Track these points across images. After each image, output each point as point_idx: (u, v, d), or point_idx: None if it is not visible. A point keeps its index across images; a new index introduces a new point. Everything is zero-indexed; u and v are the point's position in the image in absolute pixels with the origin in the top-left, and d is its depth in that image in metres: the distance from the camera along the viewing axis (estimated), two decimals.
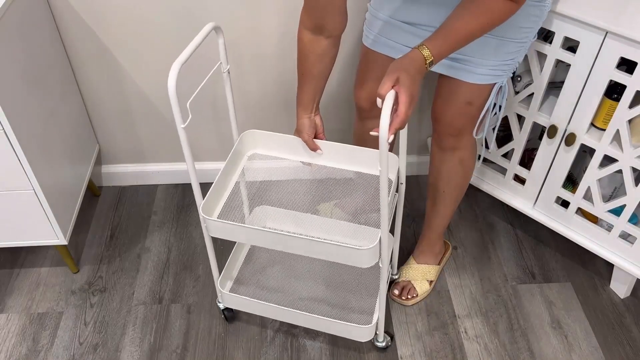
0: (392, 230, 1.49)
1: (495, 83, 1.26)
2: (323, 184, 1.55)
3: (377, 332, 1.43)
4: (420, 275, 1.61)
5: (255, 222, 1.60)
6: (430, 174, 1.50)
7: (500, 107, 1.33)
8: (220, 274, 1.48)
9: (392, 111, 0.98)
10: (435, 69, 1.24)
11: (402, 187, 1.37)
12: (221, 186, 1.31)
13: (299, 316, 1.39)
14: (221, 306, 1.52)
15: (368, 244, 1.14)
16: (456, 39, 1.03)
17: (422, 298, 1.60)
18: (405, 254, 1.68)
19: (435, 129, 1.39)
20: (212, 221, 1.23)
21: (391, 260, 1.59)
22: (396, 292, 1.59)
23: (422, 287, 1.60)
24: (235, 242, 1.59)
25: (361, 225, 1.56)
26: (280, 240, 1.21)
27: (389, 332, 1.52)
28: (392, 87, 0.99)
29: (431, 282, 1.62)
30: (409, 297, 1.58)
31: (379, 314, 1.37)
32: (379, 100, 1.00)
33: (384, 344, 1.46)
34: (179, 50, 1.61)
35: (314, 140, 1.33)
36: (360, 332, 1.38)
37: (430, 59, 1.02)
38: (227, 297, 1.46)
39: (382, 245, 1.17)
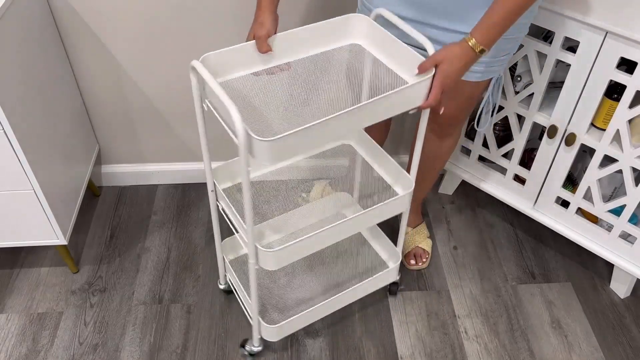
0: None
1: (492, 77, 1.32)
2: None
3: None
4: (420, 235, 1.73)
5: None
6: (425, 155, 1.50)
7: (496, 96, 1.42)
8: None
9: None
10: None
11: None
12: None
13: (332, 302, 1.41)
14: (256, 350, 1.44)
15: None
16: (497, 20, 1.06)
17: (430, 254, 1.73)
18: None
19: (435, 121, 1.43)
20: (264, 251, 1.18)
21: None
22: (412, 262, 1.69)
23: (428, 244, 1.73)
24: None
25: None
26: (334, 231, 1.24)
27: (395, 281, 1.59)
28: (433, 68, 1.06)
29: (428, 236, 1.75)
30: (424, 259, 1.70)
31: (398, 249, 1.46)
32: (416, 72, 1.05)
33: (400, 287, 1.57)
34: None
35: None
36: (388, 275, 1.49)
37: (480, 47, 1.06)
38: (271, 331, 1.37)
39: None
